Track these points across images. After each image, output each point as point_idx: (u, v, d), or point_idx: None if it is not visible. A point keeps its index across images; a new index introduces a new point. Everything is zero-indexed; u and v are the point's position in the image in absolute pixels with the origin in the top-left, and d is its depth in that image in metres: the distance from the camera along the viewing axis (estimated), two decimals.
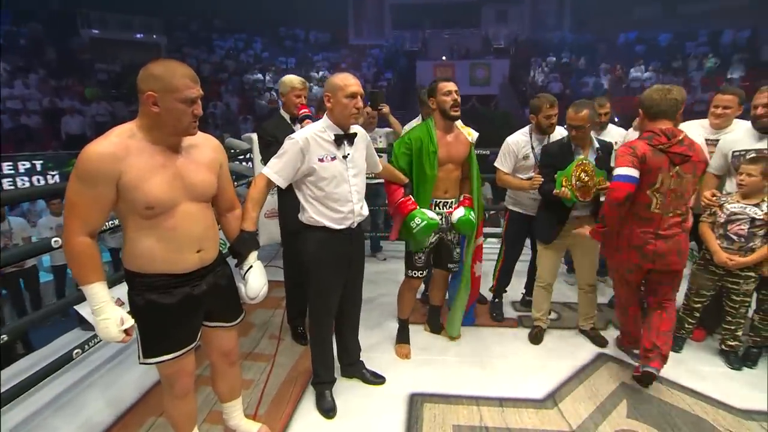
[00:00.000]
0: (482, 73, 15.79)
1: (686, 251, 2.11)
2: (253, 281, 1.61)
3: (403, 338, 2.51)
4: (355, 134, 1.86)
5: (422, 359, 2.41)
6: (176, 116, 1.32)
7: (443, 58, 16.81)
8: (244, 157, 4.99)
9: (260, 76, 14.99)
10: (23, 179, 6.39)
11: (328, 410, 1.99)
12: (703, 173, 2.16)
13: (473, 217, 2.30)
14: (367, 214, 1.96)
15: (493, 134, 2.76)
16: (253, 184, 1.75)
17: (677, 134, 1.96)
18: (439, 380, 2.24)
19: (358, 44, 18.81)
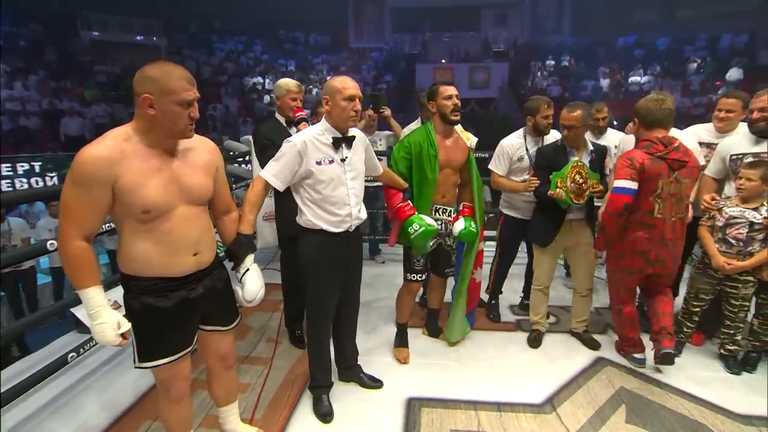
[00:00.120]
0: (482, 76, 15.83)
1: (681, 254, 2.29)
2: (249, 284, 1.60)
3: (401, 342, 2.50)
4: (353, 137, 1.85)
5: (420, 363, 2.40)
6: (172, 119, 1.31)
7: (443, 61, 16.85)
8: (243, 159, 4.99)
9: (260, 78, 15.01)
10: (22, 181, 6.36)
11: (325, 414, 1.98)
12: (697, 178, 2.27)
13: (474, 227, 2.30)
14: (365, 217, 1.95)
15: (491, 137, 2.76)
16: (250, 186, 1.75)
17: (673, 142, 2.08)
18: (437, 384, 2.23)
19: (358, 47, 18.86)
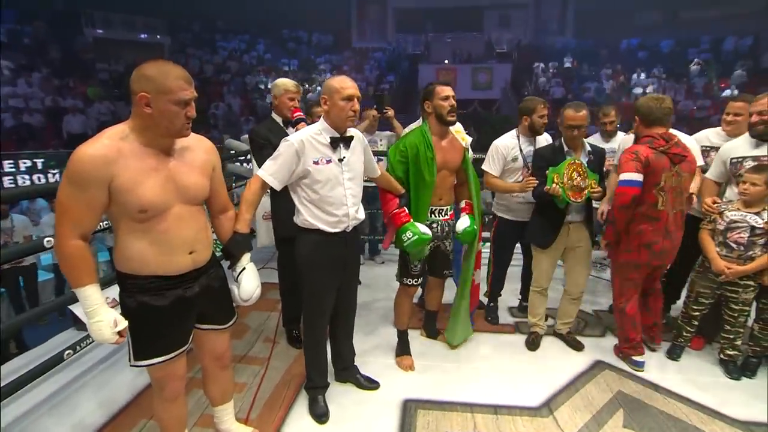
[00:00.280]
0: (484, 77, 15.83)
1: (680, 246, 2.35)
2: (245, 283, 1.60)
3: (404, 350, 2.43)
4: (351, 137, 1.84)
5: (417, 365, 2.39)
6: (169, 118, 1.31)
7: (446, 61, 16.86)
8: (244, 158, 5.00)
9: (263, 77, 15.03)
10: (24, 177, 6.38)
11: (320, 415, 1.97)
12: (695, 171, 2.34)
13: (476, 226, 2.29)
14: (363, 217, 1.94)
15: (493, 138, 2.74)
16: (247, 185, 1.74)
17: (672, 137, 2.18)
18: (433, 386, 2.22)
19: (360, 47, 18.89)
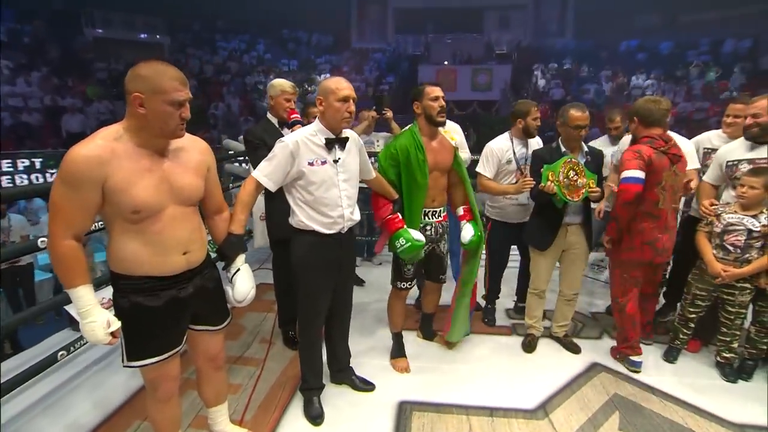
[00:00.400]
0: (484, 78, 15.79)
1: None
2: (240, 284, 1.59)
3: (399, 352, 2.43)
4: (346, 138, 1.84)
5: (413, 366, 2.38)
6: (163, 119, 1.31)
7: (445, 62, 16.83)
8: (243, 158, 4.99)
9: (262, 77, 15.02)
10: (22, 177, 6.38)
11: (315, 417, 1.96)
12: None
13: (481, 232, 2.30)
14: (358, 219, 1.93)
15: (492, 139, 2.74)
16: (242, 186, 1.74)
17: (670, 138, 2.24)
18: (429, 388, 2.21)
19: (360, 47, 18.85)
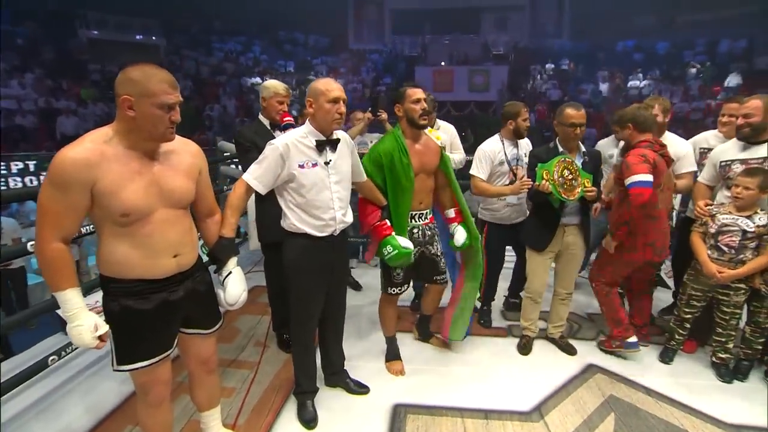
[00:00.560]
0: (481, 79, 15.79)
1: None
2: (231, 287, 1.58)
3: (393, 355, 2.42)
4: (337, 140, 1.82)
5: (408, 369, 2.37)
6: (152, 121, 1.30)
7: (442, 63, 16.84)
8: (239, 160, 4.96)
9: (259, 79, 15.00)
10: (15, 179, 6.33)
11: (308, 420, 1.95)
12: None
13: (472, 233, 2.31)
14: (350, 221, 1.92)
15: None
16: (233, 190, 1.73)
17: (662, 142, 2.32)
18: (424, 391, 2.20)
19: (357, 49, 18.85)
